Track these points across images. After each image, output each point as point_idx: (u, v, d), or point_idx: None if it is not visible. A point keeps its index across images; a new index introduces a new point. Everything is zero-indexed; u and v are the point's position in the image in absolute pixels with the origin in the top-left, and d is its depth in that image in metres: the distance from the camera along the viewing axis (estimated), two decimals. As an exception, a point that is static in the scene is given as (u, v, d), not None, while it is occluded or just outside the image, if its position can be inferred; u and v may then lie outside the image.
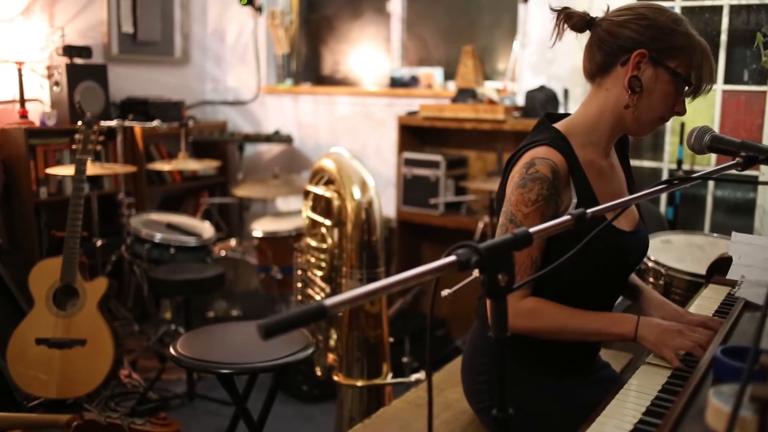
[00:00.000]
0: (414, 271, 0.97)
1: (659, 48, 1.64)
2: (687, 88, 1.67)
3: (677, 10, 3.76)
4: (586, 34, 1.77)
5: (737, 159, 1.58)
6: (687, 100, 1.71)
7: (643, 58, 1.65)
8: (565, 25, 1.75)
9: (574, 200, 1.68)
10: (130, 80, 5.05)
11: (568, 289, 1.71)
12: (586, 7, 3.89)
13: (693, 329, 1.59)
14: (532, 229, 1.10)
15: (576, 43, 1.77)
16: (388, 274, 3.02)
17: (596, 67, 1.73)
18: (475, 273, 1.04)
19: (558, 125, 1.77)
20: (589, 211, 1.21)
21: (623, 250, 1.73)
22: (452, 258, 1.01)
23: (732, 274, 1.90)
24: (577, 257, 1.19)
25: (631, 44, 1.66)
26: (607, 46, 1.69)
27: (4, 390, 3.05)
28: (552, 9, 1.77)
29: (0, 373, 3.09)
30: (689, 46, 1.64)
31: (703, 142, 1.68)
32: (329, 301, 0.90)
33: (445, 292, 1.14)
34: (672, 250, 2.69)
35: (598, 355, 1.93)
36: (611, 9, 1.75)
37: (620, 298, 2.56)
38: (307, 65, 5.64)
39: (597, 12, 1.79)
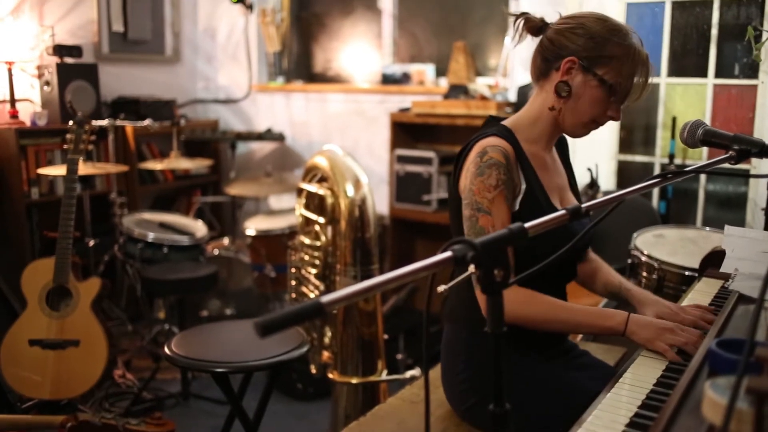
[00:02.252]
0: (410, 267, 0.98)
1: (590, 56, 1.74)
2: (614, 95, 1.75)
3: (667, 6, 3.79)
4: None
5: (730, 152, 1.58)
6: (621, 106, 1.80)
7: (573, 65, 1.76)
8: (524, 29, 1.88)
9: (523, 186, 1.77)
10: (121, 79, 5.03)
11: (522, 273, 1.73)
12: (575, 8, 3.90)
13: (684, 328, 1.62)
14: (527, 224, 1.11)
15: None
16: (381, 271, 3.02)
17: (538, 71, 1.87)
18: (471, 268, 1.04)
19: (504, 122, 1.90)
20: (584, 206, 1.22)
21: (571, 234, 1.73)
22: (448, 254, 1.01)
23: (725, 268, 1.91)
24: (536, 244, 1.21)
25: (565, 52, 1.77)
26: (547, 53, 1.82)
27: (-2, 391, 3.05)
28: (509, 14, 1.92)
29: (-7, 375, 3.08)
30: (620, 56, 1.73)
31: (696, 136, 1.69)
32: (326, 299, 0.90)
33: (440, 288, 1.14)
34: (665, 244, 2.70)
35: (573, 343, 1.98)
36: (560, 17, 1.86)
37: (605, 300, 2.58)
38: (298, 63, 5.63)
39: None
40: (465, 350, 1.87)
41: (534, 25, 1.86)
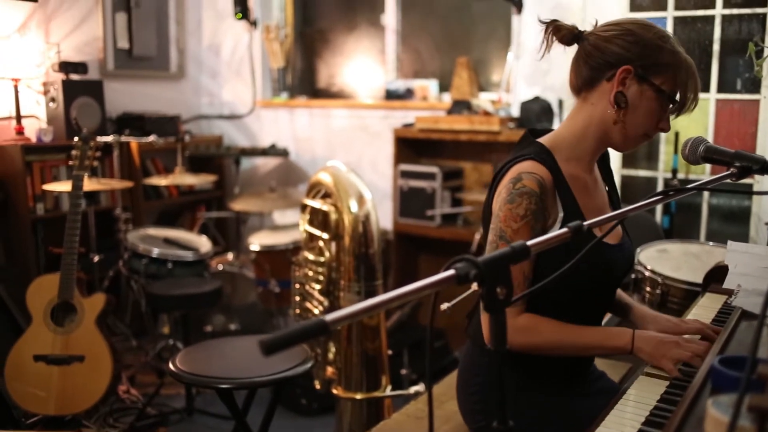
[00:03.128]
0: (414, 285, 0.98)
1: (645, 64, 1.64)
2: (671, 105, 1.67)
3: (669, 21, 3.80)
4: (574, 48, 1.77)
5: (732, 169, 1.59)
6: (671, 117, 1.72)
7: (628, 74, 1.65)
8: (554, 38, 1.75)
9: (561, 214, 1.69)
10: (126, 95, 5.06)
11: (558, 304, 1.71)
12: (578, 20, 3.93)
13: (689, 340, 1.61)
14: (529, 242, 1.11)
15: (570, 54, 1.79)
16: (385, 287, 3.03)
17: (582, 82, 1.74)
18: (474, 286, 1.04)
19: (542, 140, 1.78)
20: (585, 223, 1.22)
21: (609, 263, 1.73)
22: (451, 272, 1.01)
23: (728, 283, 1.91)
24: (567, 272, 1.20)
25: (617, 60, 1.66)
26: (594, 61, 1.70)
27: (2, 407, 3.04)
28: (540, 21, 1.77)
29: (-2, 391, 3.08)
30: (675, 63, 1.64)
31: (697, 153, 1.69)
32: (330, 317, 0.91)
33: (444, 306, 1.15)
34: (668, 259, 2.70)
35: (594, 365, 1.94)
36: (599, 24, 1.76)
37: (608, 316, 2.57)
38: (302, 78, 5.66)
39: (588, 26, 1.80)
40: (483, 372, 1.83)
41: (566, 34, 1.74)
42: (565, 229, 1.21)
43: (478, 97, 4.45)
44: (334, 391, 2.96)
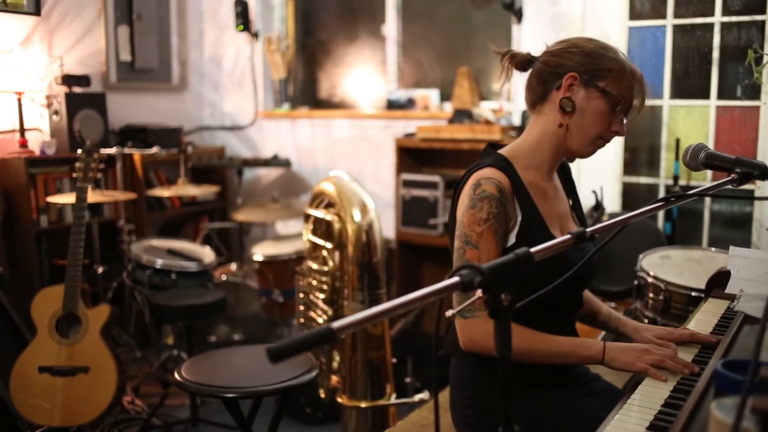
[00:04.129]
0: (419, 292, 0.99)
1: (589, 70, 1.76)
2: (618, 107, 1.76)
3: (669, 29, 3.83)
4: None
5: (732, 175, 1.60)
6: (624, 121, 1.81)
7: (574, 80, 1.77)
8: (511, 66, 1.90)
9: (519, 217, 1.75)
10: (129, 108, 5.08)
11: (529, 307, 1.71)
12: (578, 28, 3.95)
13: (659, 346, 1.66)
14: (533, 249, 1.12)
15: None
16: (389, 295, 3.03)
17: (536, 97, 1.86)
18: (479, 293, 1.06)
19: (501, 151, 1.88)
20: (589, 230, 1.23)
21: (570, 263, 1.74)
22: (456, 279, 1.03)
23: (731, 288, 1.92)
24: (533, 272, 1.22)
25: (564, 70, 1.79)
26: (544, 75, 1.83)
27: (8, 419, 3.05)
28: (496, 51, 1.92)
29: (3, 402, 3.08)
30: (618, 68, 1.76)
31: (698, 159, 1.71)
32: (337, 324, 0.92)
33: (449, 313, 1.16)
34: (671, 265, 2.71)
35: (585, 367, 1.96)
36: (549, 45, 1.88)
37: (603, 333, 2.58)
38: (304, 89, 5.68)
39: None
40: (471, 385, 1.86)
41: (521, 60, 1.88)
42: (568, 236, 1.23)
43: (480, 106, 4.46)
44: (339, 400, 2.96)
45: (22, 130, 4.23)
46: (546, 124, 1.83)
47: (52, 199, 3.73)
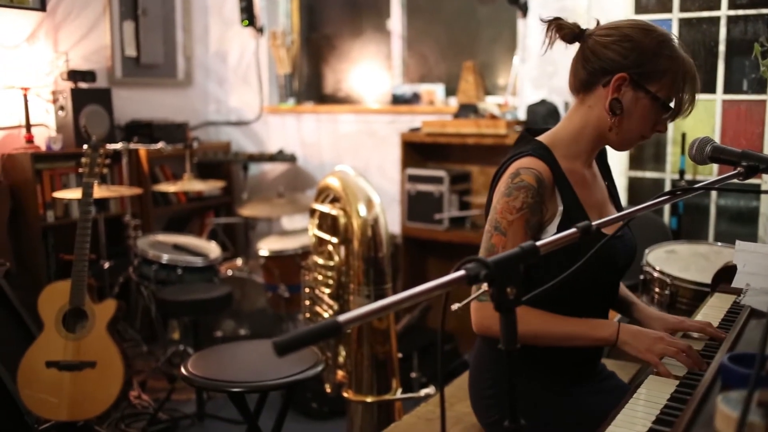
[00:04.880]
0: (425, 286, 0.99)
1: (640, 72, 1.67)
2: (667, 110, 1.70)
3: (675, 22, 3.81)
4: (575, 46, 1.79)
5: (739, 169, 1.60)
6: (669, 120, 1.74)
7: (623, 81, 1.68)
8: (556, 35, 1.77)
9: (560, 208, 1.72)
10: (134, 103, 5.09)
11: (561, 297, 1.70)
12: (583, 22, 3.93)
13: (673, 338, 1.62)
14: (538, 243, 1.12)
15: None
16: (394, 290, 3.04)
17: (580, 84, 1.77)
18: (484, 286, 1.06)
19: (541, 138, 1.81)
20: (594, 223, 1.23)
21: (610, 255, 1.75)
22: (461, 272, 1.03)
23: (737, 283, 1.92)
24: (567, 265, 1.20)
25: (612, 66, 1.68)
26: (591, 66, 1.72)
27: (15, 413, 3.06)
28: (542, 20, 1.79)
29: (11, 397, 3.09)
30: (672, 70, 1.66)
31: (704, 153, 1.70)
32: (343, 318, 0.92)
33: (454, 307, 1.16)
34: (677, 260, 2.71)
35: (603, 364, 1.95)
36: (601, 23, 1.78)
37: (618, 316, 2.57)
38: (309, 84, 5.68)
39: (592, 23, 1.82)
40: (494, 367, 1.85)
41: (569, 32, 1.76)
42: (573, 230, 1.22)
43: (485, 100, 4.46)
44: (345, 395, 2.97)
45: (28, 126, 4.24)
46: (589, 116, 1.76)
47: (59, 194, 3.74)
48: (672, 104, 1.69)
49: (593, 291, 1.80)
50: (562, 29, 1.76)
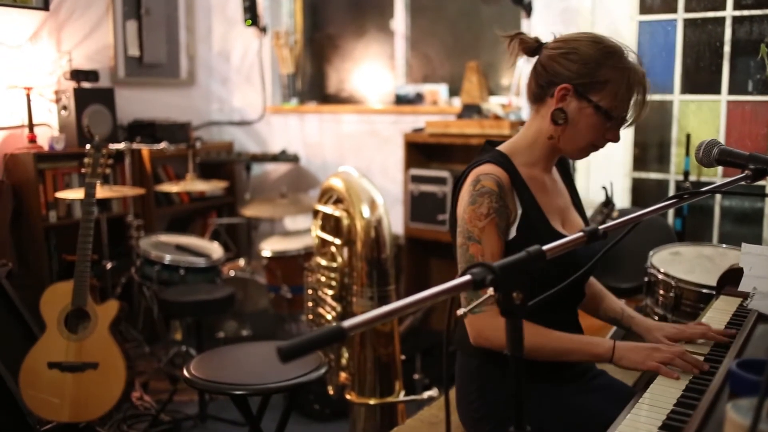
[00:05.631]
0: (430, 291, 0.98)
1: (583, 82, 1.72)
2: (611, 119, 1.73)
3: (679, 23, 3.79)
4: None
5: (746, 172, 1.58)
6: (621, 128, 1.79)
7: (567, 92, 1.74)
8: (519, 49, 1.84)
9: (519, 211, 1.76)
10: (137, 103, 5.08)
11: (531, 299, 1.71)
12: (588, 23, 3.92)
13: (668, 345, 1.66)
14: (545, 247, 1.11)
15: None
16: (397, 292, 3.03)
17: (533, 96, 1.85)
18: (490, 291, 1.05)
19: (500, 147, 1.88)
20: (601, 227, 1.22)
21: (573, 256, 1.73)
22: (467, 277, 1.02)
23: (744, 286, 1.90)
24: (548, 269, 1.20)
25: (558, 79, 1.75)
26: (541, 78, 1.80)
27: (17, 414, 3.06)
28: (503, 36, 1.86)
29: (13, 398, 3.09)
30: (614, 80, 1.71)
31: (711, 155, 1.69)
32: (347, 323, 0.91)
33: (460, 312, 1.15)
34: (681, 262, 2.69)
35: (592, 364, 1.95)
36: (557, 36, 1.83)
37: (614, 329, 2.56)
38: (312, 84, 5.67)
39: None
40: (477, 378, 1.86)
41: (529, 46, 1.84)
42: (580, 233, 1.21)
43: (488, 101, 4.44)
44: (348, 397, 2.96)
45: (31, 126, 4.23)
46: (541, 126, 1.82)
47: (61, 194, 3.74)
48: (615, 114, 1.73)
49: (561, 293, 1.80)
50: (522, 43, 1.84)
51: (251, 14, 5.26)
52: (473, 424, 1.88)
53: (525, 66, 4.24)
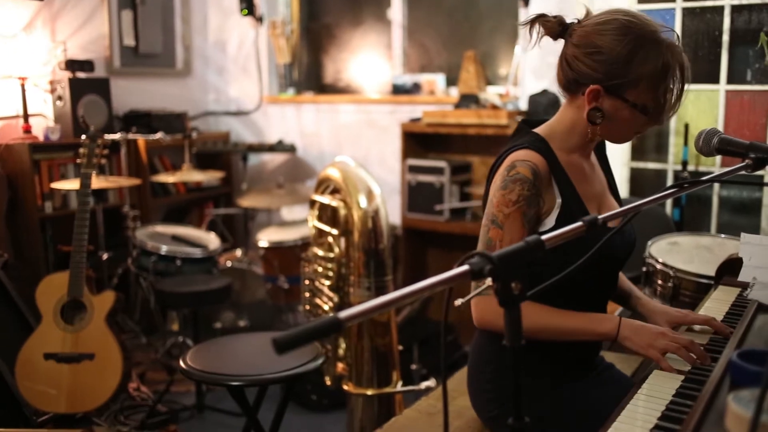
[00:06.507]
0: (428, 281, 0.97)
1: (613, 84, 1.64)
2: (650, 112, 1.66)
3: (678, 12, 3.77)
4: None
5: (746, 161, 1.57)
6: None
7: (599, 92, 1.66)
8: (542, 32, 1.75)
9: (559, 200, 1.71)
10: (133, 93, 5.05)
11: (561, 289, 1.68)
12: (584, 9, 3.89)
13: (675, 334, 1.61)
14: (544, 237, 1.10)
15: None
16: (394, 282, 3.02)
17: (564, 85, 1.76)
18: (488, 281, 1.03)
19: (538, 130, 1.80)
20: (600, 217, 1.21)
21: (610, 247, 1.72)
22: (465, 267, 1.01)
23: (743, 276, 1.89)
24: (566, 258, 1.18)
25: (585, 79, 1.67)
26: (569, 74, 1.72)
27: (14, 406, 3.05)
28: (522, 24, 1.79)
29: (9, 389, 3.08)
30: (646, 76, 1.62)
31: (711, 144, 1.68)
32: (344, 314, 0.90)
33: (458, 302, 1.14)
34: (680, 252, 2.69)
35: (601, 356, 1.94)
36: (586, 16, 1.74)
37: (620, 309, 2.55)
38: (308, 74, 5.64)
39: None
40: (494, 360, 1.83)
41: (552, 30, 1.74)
42: (579, 223, 1.20)
43: (486, 90, 4.43)
44: (345, 387, 2.95)
45: (26, 116, 4.21)
46: (578, 115, 1.74)
47: (57, 185, 3.72)
48: (654, 108, 1.65)
49: (593, 283, 1.78)
50: (546, 27, 1.74)
51: (247, 4, 5.23)
52: (483, 404, 1.87)
53: (522, 55, 4.22)
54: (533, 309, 1.68)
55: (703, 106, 3.85)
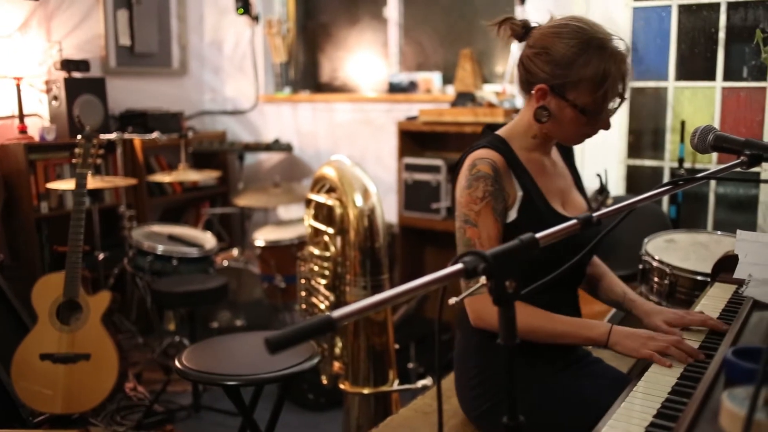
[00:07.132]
0: (422, 280, 0.97)
1: (558, 83, 1.72)
2: (590, 114, 1.72)
3: (674, 9, 3.77)
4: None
5: (742, 158, 1.57)
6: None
7: (545, 91, 1.74)
8: (508, 34, 1.84)
9: (520, 193, 1.78)
10: (129, 93, 5.05)
11: (530, 280, 1.70)
12: (582, 11, 3.90)
13: (664, 334, 1.63)
14: (538, 235, 1.10)
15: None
16: (391, 280, 3.01)
17: (521, 87, 1.86)
18: (483, 280, 1.03)
19: (499, 132, 1.90)
20: (595, 215, 1.21)
21: (575, 237, 1.73)
22: (459, 266, 1.01)
23: (739, 273, 1.89)
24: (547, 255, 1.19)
25: (534, 79, 1.76)
26: (523, 74, 1.81)
27: (9, 406, 3.04)
28: (490, 24, 1.87)
29: (5, 390, 3.07)
30: (588, 77, 1.69)
31: (706, 141, 1.67)
32: (336, 313, 0.89)
33: (452, 301, 1.14)
34: (676, 249, 2.68)
35: (587, 350, 1.97)
36: (555, 17, 1.81)
37: (613, 311, 2.56)
38: (305, 73, 5.64)
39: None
40: (476, 356, 1.88)
41: (516, 32, 1.83)
42: (574, 221, 1.20)
43: (482, 88, 4.42)
44: (341, 386, 2.95)
45: (21, 116, 4.20)
46: (532, 116, 1.82)
47: (52, 185, 3.71)
48: (593, 110, 1.72)
49: (564, 274, 1.80)
50: (511, 29, 1.84)
51: (243, 3, 5.22)
52: (470, 402, 1.88)
53: (518, 53, 4.21)
54: (524, 310, 1.71)
55: (699, 104, 3.85)
